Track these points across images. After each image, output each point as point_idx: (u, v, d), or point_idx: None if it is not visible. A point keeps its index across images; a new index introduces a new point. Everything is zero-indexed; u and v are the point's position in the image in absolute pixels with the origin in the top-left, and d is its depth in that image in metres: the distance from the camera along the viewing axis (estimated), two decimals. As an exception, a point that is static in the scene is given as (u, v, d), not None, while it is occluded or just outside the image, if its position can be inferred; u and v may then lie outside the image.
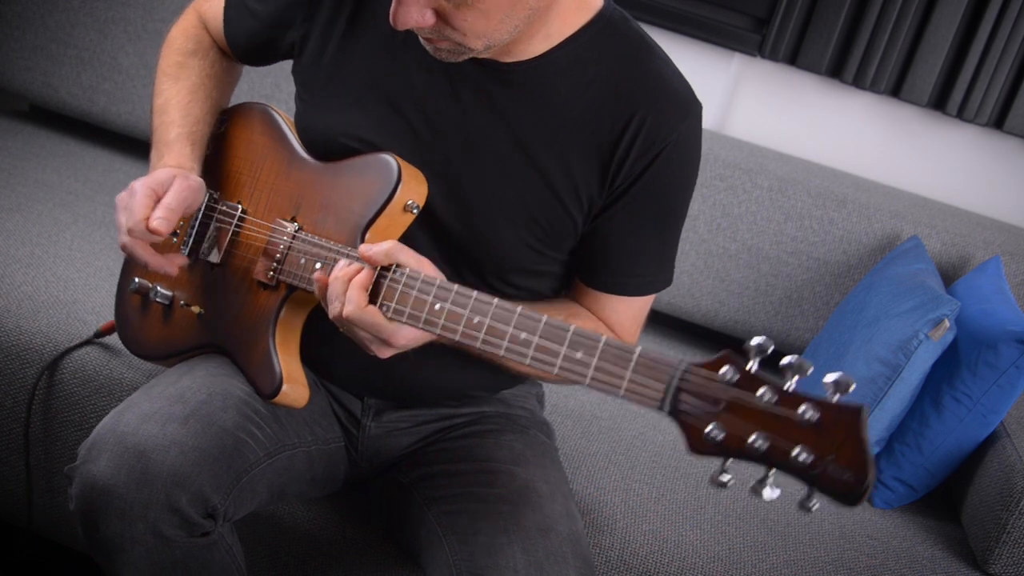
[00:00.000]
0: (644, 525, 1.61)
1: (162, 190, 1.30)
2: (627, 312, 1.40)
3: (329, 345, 1.37)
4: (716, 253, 2.22)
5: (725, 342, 2.34)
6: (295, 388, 1.31)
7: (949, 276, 2.13)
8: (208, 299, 1.41)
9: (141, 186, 1.30)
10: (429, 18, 1.17)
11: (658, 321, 2.32)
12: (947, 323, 1.75)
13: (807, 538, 1.68)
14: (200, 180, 1.35)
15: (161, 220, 1.27)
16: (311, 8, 1.37)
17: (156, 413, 1.26)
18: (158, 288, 1.43)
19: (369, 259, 1.20)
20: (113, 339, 1.65)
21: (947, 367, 1.80)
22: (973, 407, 1.77)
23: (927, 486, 1.83)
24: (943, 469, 1.82)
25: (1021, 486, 1.66)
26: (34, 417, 1.64)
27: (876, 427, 1.80)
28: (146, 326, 1.48)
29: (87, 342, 1.65)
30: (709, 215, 2.21)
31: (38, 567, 1.85)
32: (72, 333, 1.67)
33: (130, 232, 1.28)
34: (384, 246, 1.20)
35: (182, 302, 1.43)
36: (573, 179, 1.30)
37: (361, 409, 1.46)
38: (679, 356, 1.04)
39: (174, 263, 1.34)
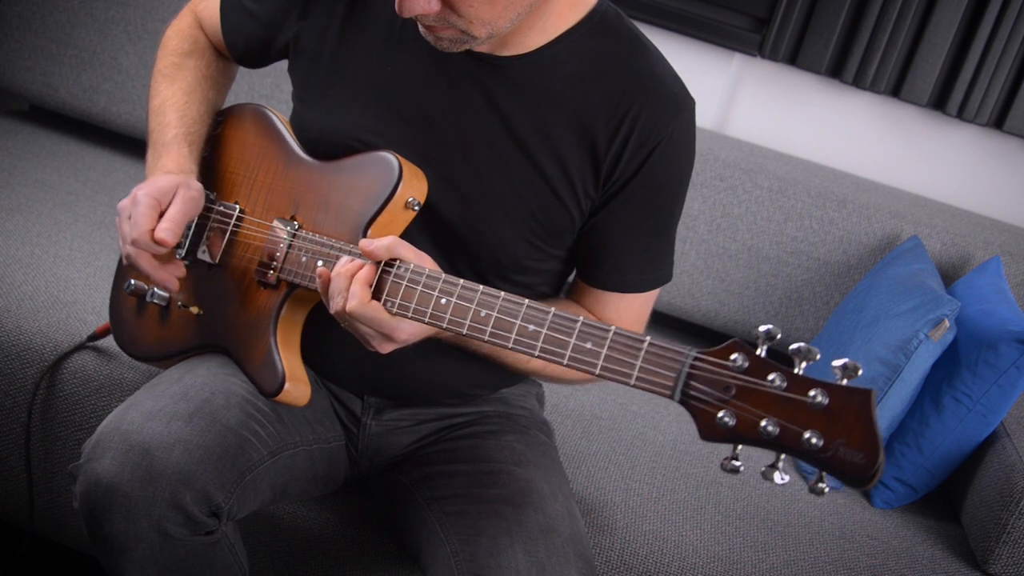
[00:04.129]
0: (644, 525, 1.61)
1: (165, 199, 1.31)
2: (629, 309, 1.40)
3: (329, 343, 1.37)
4: (716, 253, 2.22)
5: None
6: (297, 386, 1.32)
7: (949, 276, 2.13)
8: (206, 299, 1.41)
9: (144, 196, 1.29)
10: (435, 5, 1.17)
11: (658, 321, 2.33)
12: (947, 323, 1.75)
13: (807, 538, 1.68)
14: (200, 187, 1.35)
15: (167, 232, 1.28)
16: (306, 6, 1.38)
17: (160, 411, 1.26)
18: (155, 289, 1.43)
19: (370, 254, 1.20)
20: (110, 341, 1.65)
21: (947, 367, 1.80)
22: (973, 407, 1.77)
23: (927, 486, 1.83)
24: (943, 469, 1.82)
25: (1021, 486, 1.66)
26: (34, 417, 1.64)
27: (876, 427, 1.80)
28: (142, 327, 1.47)
29: (81, 346, 1.65)
30: (709, 215, 2.21)
31: (39, 567, 1.85)
32: (72, 333, 1.67)
33: (134, 243, 1.29)
34: (385, 241, 1.20)
35: (179, 303, 1.43)
36: (569, 174, 1.30)
37: (361, 407, 1.46)
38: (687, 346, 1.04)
39: (174, 275, 1.34)
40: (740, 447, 1.00)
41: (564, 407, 1.85)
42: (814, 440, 0.95)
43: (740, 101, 2.43)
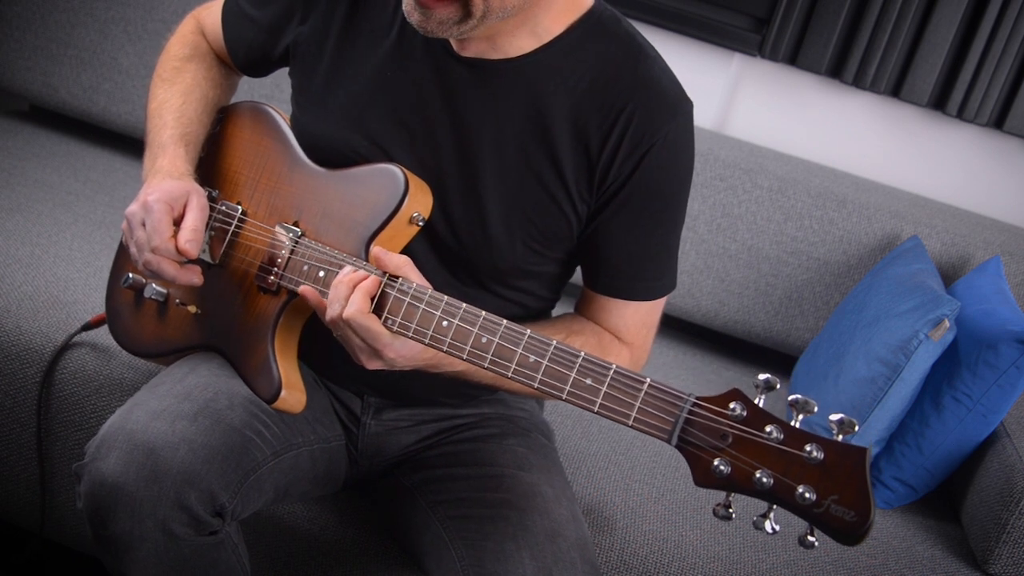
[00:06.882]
0: (644, 525, 1.61)
1: (177, 205, 1.30)
2: (634, 318, 1.39)
3: (329, 343, 1.36)
4: (716, 253, 2.22)
5: (725, 342, 2.34)
6: (293, 394, 1.31)
7: (949, 276, 2.13)
8: (204, 299, 1.40)
9: (156, 202, 1.29)
10: None
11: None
12: (947, 323, 1.75)
13: (807, 538, 1.68)
14: (203, 192, 1.35)
15: (192, 243, 1.29)
16: (305, 11, 1.37)
17: (165, 411, 1.26)
18: (152, 285, 1.42)
19: (381, 262, 1.20)
20: (109, 340, 1.64)
21: (947, 367, 1.80)
22: (973, 407, 1.77)
23: (927, 486, 1.83)
24: (943, 469, 1.82)
25: (1021, 486, 1.66)
26: (36, 418, 1.64)
27: (876, 427, 1.80)
28: (139, 322, 1.46)
29: (75, 335, 1.64)
30: (709, 215, 2.21)
31: (44, 569, 1.85)
32: (72, 334, 1.67)
33: (155, 250, 1.29)
34: (397, 259, 1.20)
35: (177, 300, 1.42)
36: (564, 178, 1.30)
37: (361, 407, 1.46)
38: (686, 385, 1.05)
39: (198, 273, 1.33)
40: (733, 494, 1.01)
41: (564, 407, 1.85)
42: (807, 495, 0.97)
43: (740, 101, 2.43)
